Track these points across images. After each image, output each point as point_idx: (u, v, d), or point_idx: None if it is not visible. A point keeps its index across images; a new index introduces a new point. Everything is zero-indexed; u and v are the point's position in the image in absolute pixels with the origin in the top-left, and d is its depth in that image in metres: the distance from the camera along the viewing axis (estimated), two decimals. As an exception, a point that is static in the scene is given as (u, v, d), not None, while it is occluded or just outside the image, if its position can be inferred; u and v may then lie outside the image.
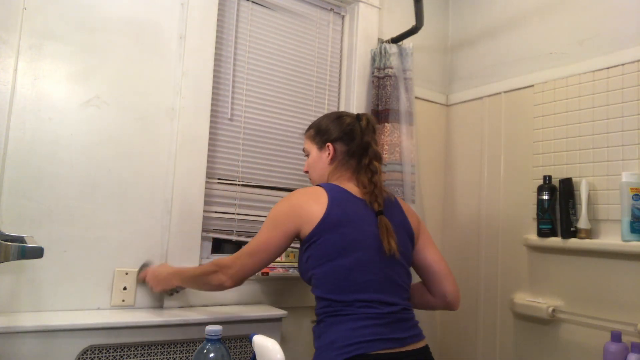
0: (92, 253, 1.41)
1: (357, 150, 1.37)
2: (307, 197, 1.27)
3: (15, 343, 1.18)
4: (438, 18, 2.30)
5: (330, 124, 1.40)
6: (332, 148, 1.37)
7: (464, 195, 2.14)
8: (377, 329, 1.17)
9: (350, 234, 1.22)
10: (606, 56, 1.65)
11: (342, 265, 1.20)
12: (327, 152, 1.38)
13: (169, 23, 1.57)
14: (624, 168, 1.57)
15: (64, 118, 1.39)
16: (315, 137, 1.41)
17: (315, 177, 1.42)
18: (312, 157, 1.42)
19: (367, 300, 1.19)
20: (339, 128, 1.38)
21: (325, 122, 1.42)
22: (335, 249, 1.21)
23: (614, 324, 1.53)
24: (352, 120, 1.40)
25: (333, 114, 1.44)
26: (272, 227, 1.26)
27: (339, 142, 1.38)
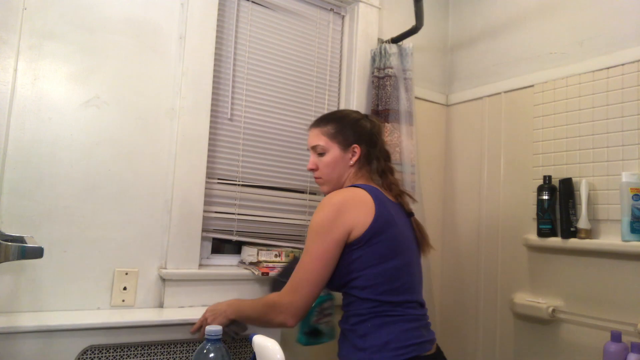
0: (92, 253, 1.41)
1: (375, 153, 1.37)
2: (351, 199, 1.22)
3: (15, 343, 1.18)
4: (438, 18, 2.30)
5: (355, 126, 1.36)
6: (359, 150, 1.34)
7: (464, 195, 2.14)
8: (421, 330, 1.21)
9: (398, 235, 1.23)
10: (606, 56, 1.65)
11: (394, 267, 1.20)
12: (351, 154, 1.34)
13: (168, 23, 1.57)
14: (624, 168, 1.57)
15: (64, 118, 1.39)
16: (338, 136, 1.35)
17: (334, 177, 1.36)
18: (332, 157, 1.34)
19: (413, 302, 1.22)
20: (363, 130, 1.36)
21: (347, 122, 1.37)
22: (390, 249, 1.20)
23: (614, 324, 1.53)
24: (370, 124, 1.39)
25: (352, 115, 1.40)
26: (322, 238, 1.18)
27: (364, 144, 1.35)
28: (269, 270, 1.63)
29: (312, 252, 1.18)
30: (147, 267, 1.50)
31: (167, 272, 1.50)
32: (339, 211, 1.19)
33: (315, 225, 1.20)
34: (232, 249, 1.78)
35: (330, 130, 1.36)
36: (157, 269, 1.51)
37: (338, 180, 1.36)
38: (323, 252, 1.18)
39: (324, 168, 1.36)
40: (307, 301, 1.19)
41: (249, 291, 1.65)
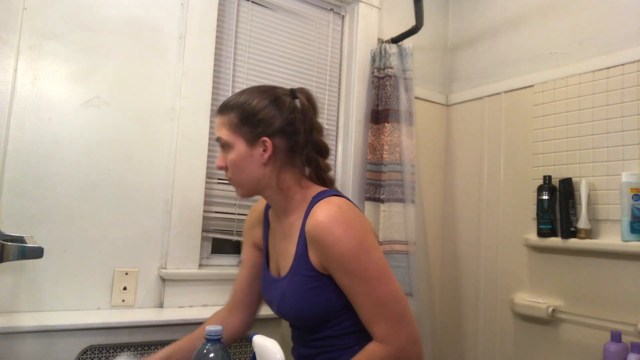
0: (92, 253, 1.41)
1: (304, 143, 1.07)
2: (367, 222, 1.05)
3: (15, 343, 1.18)
4: (438, 18, 2.30)
5: (266, 108, 1.05)
6: (270, 144, 1.04)
7: (464, 195, 2.14)
8: None
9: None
10: (606, 56, 1.65)
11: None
12: (261, 149, 1.04)
13: (168, 23, 1.57)
14: (624, 168, 1.57)
15: (64, 118, 1.39)
16: (241, 126, 1.05)
17: (245, 179, 1.07)
18: (238, 154, 1.05)
19: None
20: (280, 114, 1.05)
21: (253, 107, 1.05)
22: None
23: (614, 324, 1.53)
24: (289, 105, 1.07)
25: (266, 92, 1.08)
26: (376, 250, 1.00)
27: (278, 135, 1.05)
28: (269, 270, 1.63)
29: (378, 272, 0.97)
30: (147, 267, 1.50)
31: (167, 272, 1.50)
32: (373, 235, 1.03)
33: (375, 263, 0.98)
34: (232, 249, 1.77)
35: (232, 120, 1.06)
36: (157, 269, 1.51)
37: (251, 182, 1.08)
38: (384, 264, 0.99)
39: (232, 167, 1.07)
40: (416, 327, 0.99)
41: (249, 291, 1.65)
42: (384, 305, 0.97)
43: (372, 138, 1.90)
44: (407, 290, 1.79)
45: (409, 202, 1.86)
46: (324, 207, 1.00)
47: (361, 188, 1.93)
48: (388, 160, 1.85)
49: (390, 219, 1.83)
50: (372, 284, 0.97)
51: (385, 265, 0.99)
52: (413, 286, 1.80)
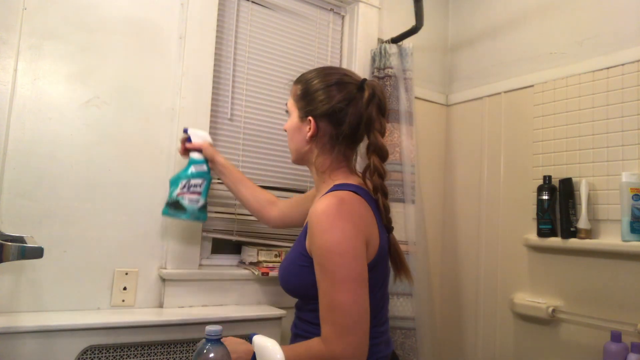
0: (92, 253, 1.41)
1: (353, 136, 1.11)
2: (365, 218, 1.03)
3: (15, 343, 1.18)
4: (438, 18, 2.30)
5: (322, 92, 1.10)
6: (313, 125, 1.10)
7: (464, 195, 2.14)
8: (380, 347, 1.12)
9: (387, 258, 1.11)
10: (606, 56, 1.65)
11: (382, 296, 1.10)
12: (307, 127, 1.11)
13: (168, 23, 1.57)
14: (624, 168, 1.57)
15: (64, 118, 1.39)
16: (301, 100, 1.13)
17: (292, 148, 1.18)
18: (292, 122, 1.15)
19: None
20: (330, 101, 1.08)
21: (316, 84, 1.11)
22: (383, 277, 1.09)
23: (614, 324, 1.53)
24: (351, 91, 1.09)
25: (332, 75, 1.12)
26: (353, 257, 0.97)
27: (325, 120, 1.10)
28: (269, 270, 1.63)
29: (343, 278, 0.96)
30: (147, 267, 1.49)
31: (167, 272, 1.50)
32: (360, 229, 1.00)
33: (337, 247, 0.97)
34: (232, 249, 1.77)
35: (297, 92, 1.15)
36: (157, 269, 1.51)
37: (297, 154, 1.17)
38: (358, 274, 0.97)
39: (288, 132, 1.17)
40: (364, 338, 0.97)
41: (248, 291, 1.65)
42: (335, 310, 0.96)
43: (372, 138, 1.90)
44: (407, 291, 1.79)
45: (409, 202, 1.86)
46: (329, 198, 1.02)
47: (361, 188, 1.93)
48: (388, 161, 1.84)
49: (390, 219, 1.83)
50: (333, 286, 0.97)
51: (355, 277, 0.96)
52: (413, 286, 1.80)
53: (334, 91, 1.09)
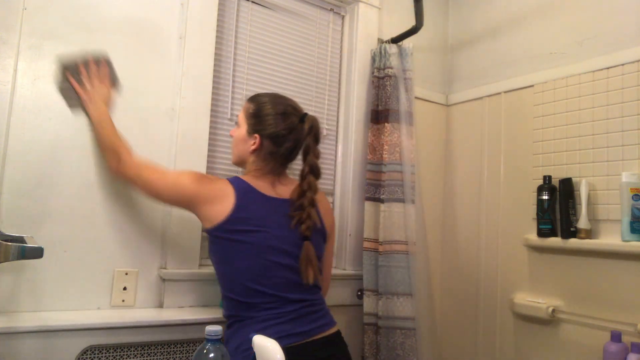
0: (92, 253, 1.41)
1: (286, 156, 1.36)
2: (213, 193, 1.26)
3: (15, 343, 1.18)
4: (438, 18, 2.30)
5: (270, 118, 1.34)
6: (258, 142, 1.34)
7: (464, 195, 2.14)
8: (284, 326, 1.22)
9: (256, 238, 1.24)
10: (606, 56, 1.65)
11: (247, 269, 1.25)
12: (253, 141, 1.35)
13: (168, 23, 1.57)
14: (624, 168, 1.57)
15: (64, 118, 1.39)
16: (251, 118, 1.36)
17: (235, 152, 1.41)
18: (239, 134, 1.39)
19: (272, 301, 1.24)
20: (276, 126, 1.34)
21: (267, 110, 1.36)
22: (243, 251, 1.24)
23: (614, 324, 1.53)
24: (294, 121, 1.36)
25: (280, 106, 1.37)
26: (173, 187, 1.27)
27: (268, 140, 1.34)
28: (269, 270, 1.63)
29: (162, 178, 1.29)
30: (147, 267, 1.50)
31: (167, 272, 1.50)
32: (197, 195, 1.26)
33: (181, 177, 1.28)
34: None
35: (249, 109, 1.38)
36: (157, 269, 1.51)
37: (239, 158, 1.41)
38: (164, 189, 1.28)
39: (234, 140, 1.42)
40: (133, 181, 1.32)
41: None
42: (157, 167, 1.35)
43: (372, 138, 1.90)
44: (407, 291, 1.79)
45: (409, 202, 1.86)
46: None
47: (361, 188, 1.93)
48: (388, 161, 1.85)
49: (390, 219, 1.83)
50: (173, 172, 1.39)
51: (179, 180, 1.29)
52: (413, 286, 1.80)
53: (280, 119, 1.34)
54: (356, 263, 1.90)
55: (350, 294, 1.89)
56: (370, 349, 1.79)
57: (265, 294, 1.23)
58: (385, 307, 1.78)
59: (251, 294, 1.23)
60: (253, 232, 1.24)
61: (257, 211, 1.27)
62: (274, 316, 1.23)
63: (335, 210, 1.96)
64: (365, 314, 1.80)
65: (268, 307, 1.23)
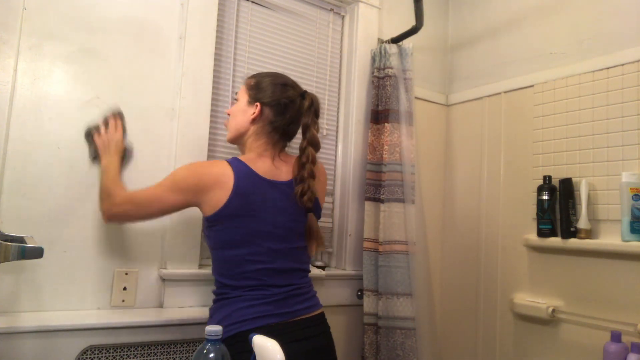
0: (92, 253, 1.41)
1: (285, 128, 1.34)
2: (212, 179, 1.23)
3: (15, 343, 1.18)
4: (438, 18, 2.30)
5: (271, 86, 1.35)
6: (259, 109, 1.33)
7: (464, 195, 2.14)
8: (266, 306, 1.23)
9: (250, 225, 1.24)
10: (606, 56, 1.65)
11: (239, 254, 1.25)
12: (253, 110, 1.33)
13: (168, 23, 1.57)
14: (624, 168, 1.57)
15: (64, 118, 1.39)
16: (252, 89, 1.36)
17: (232, 126, 1.38)
18: (239, 106, 1.37)
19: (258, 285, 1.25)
20: (276, 94, 1.34)
21: (268, 81, 1.36)
22: (238, 237, 1.24)
23: (614, 324, 1.53)
24: (294, 95, 1.35)
25: (280, 79, 1.38)
26: (172, 190, 1.24)
27: (269, 108, 1.33)
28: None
29: (157, 192, 1.25)
30: (147, 267, 1.50)
31: (167, 272, 1.50)
32: (196, 184, 1.23)
33: (174, 177, 1.26)
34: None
35: (250, 83, 1.38)
36: (157, 269, 1.51)
37: (236, 132, 1.36)
38: (164, 199, 1.24)
39: (232, 114, 1.39)
40: (126, 218, 1.33)
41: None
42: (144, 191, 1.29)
43: (372, 138, 1.90)
44: (407, 291, 1.79)
45: (409, 202, 1.86)
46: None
47: (361, 188, 1.93)
48: (388, 161, 1.85)
49: (390, 219, 1.83)
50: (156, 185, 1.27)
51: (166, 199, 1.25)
52: (413, 286, 1.80)
53: (281, 89, 1.35)
54: (356, 263, 1.90)
55: (350, 294, 1.89)
56: (370, 349, 1.79)
57: (256, 279, 1.24)
58: (385, 307, 1.78)
59: (241, 279, 1.24)
60: (249, 218, 1.24)
61: (255, 196, 1.25)
62: (260, 297, 1.24)
63: (335, 210, 1.96)
64: (365, 314, 1.80)
65: (256, 289, 1.24)
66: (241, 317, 1.20)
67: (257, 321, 1.20)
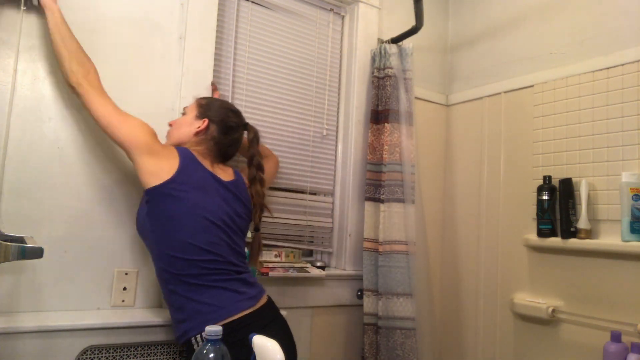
0: (92, 253, 1.41)
1: (225, 147, 1.41)
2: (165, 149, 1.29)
3: (15, 343, 1.18)
4: (438, 18, 2.30)
5: (221, 109, 1.42)
6: (206, 124, 1.37)
7: (464, 195, 2.14)
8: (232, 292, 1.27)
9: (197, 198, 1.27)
10: (606, 56, 1.65)
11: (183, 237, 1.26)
12: (199, 124, 1.38)
13: (168, 23, 1.57)
14: (624, 168, 1.57)
15: (64, 118, 1.39)
16: (202, 107, 1.42)
17: (175, 134, 1.41)
18: (185, 119, 1.41)
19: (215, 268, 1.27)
20: (224, 116, 1.41)
21: (218, 104, 1.44)
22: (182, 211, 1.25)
23: (614, 324, 1.53)
24: (239, 122, 1.45)
25: (230, 106, 1.47)
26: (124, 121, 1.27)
27: (215, 125, 1.39)
28: (269, 270, 1.63)
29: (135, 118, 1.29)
30: (147, 267, 1.49)
31: (167, 272, 1.49)
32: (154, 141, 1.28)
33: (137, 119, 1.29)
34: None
35: (202, 101, 1.44)
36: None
37: (178, 138, 1.40)
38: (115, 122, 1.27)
39: (175, 124, 1.44)
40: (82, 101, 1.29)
41: (249, 291, 1.64)
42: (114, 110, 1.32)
43: (372, 138, 1.90)
44: (407, 291, 1.79)
45: (409, 202, 1.86)
46: None
47: (361, 188, 1.93)
48: (388, 161, 1.85)
49: (390, 219, 1.83)
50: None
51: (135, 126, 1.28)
52: (413, 286, 1.80)
53: (230, 113, 1.43)
54: (356, 263, 1.90)
55: (350, 294, 1.89)
56: (370, 349, 1.79)
57: (209, 252, 1.25)
58: (385, 307, 1.78)
59: (195, 251, 1.24)
60: (196, 192, 1.27)
61: (199, 178, 1.30)
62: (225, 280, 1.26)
63: (335, 210, 1.96)
64: (365, 314, 1.80)
65: (214, 267, 1.25)
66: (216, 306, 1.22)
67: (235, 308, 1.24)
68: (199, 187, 1.29)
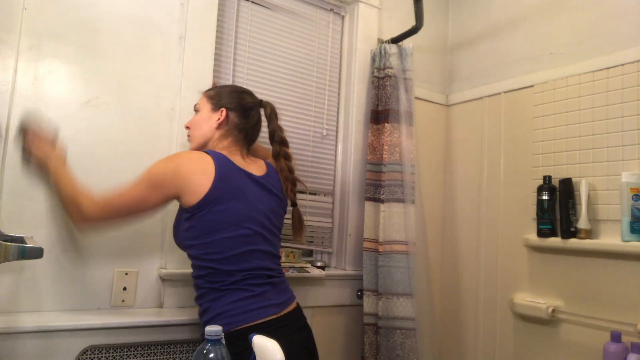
0: (92, 253, 1.41)
1: (250, 130, 1.38)
2: (193, 165, 1.23)
3: (15, 343, 1.18)
4: (438, 18, 2.30)
5: (232, 94, 1.39)
6: (224, 114, 1.34)
7: (464, 195, 2.14)
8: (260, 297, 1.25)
9: (235, 207, 1.24)
10: (606, 56, 1.65)
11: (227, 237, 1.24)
12: (218, 116, 1.35)
13: (168, 23, 1.57)
14: (623, 168, 1.57)
15: (64, 118, 1.39)
16: (214, 97, 1.38)
17: (197, 135, 1.37)
18: (201, 115, 1.37)
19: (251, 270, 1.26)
20: (237, 100, 1.38)
21: (228, 90, 1.41)
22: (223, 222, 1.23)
23: (614, 324, 1.53)
24: (254, 101, 1.41)
25: (239, 87, 1.44)
26: (152, 187, 1.21)
27: (234, 112, 1.36)
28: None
29: (136, 193, 1.21)
30: (147, 267, 1.50)
31: (166, 272, 1.50)
32: (176, 173, 1.21)
33: (151, 173, 1.22)
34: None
35: (211, 93, 1.40)
36: (157, 269, 1.51)
37: (202, 139, 1.36)
38: (144, 198, 1.21)
39: (193, 125, 1.39)
40: (104, 225, 1.26)
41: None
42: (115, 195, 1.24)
43: (372, 138, 1.90)
44: (407, 291, 1.79)
45: (409, 202, 1.86)
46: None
47: (361, 188, 1.93)
48: (388, 161, 1.85)
49: (390, 219, 1.83)
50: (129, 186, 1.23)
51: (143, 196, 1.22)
52: (413, 286, 1.80)
53: (243, 95, 1.39)
54: (356, 263, 1.90)
55: (350, 294, 1.89)
56: (370, 349, 1.79)
57: (247, 261, 1.24)
58: (385, 307, 1.78)
59: (233, 261, 1.22)
60: (235, 202, 1.24)
61: (237, 184, 1.27)
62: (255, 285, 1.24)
63: (335, 210, 1.96)
64: (365, 314, 1.80)
65: (248, 274, 1.24)
66: (242, 308, 1.20)
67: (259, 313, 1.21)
68: (238, 195, 1.25)
